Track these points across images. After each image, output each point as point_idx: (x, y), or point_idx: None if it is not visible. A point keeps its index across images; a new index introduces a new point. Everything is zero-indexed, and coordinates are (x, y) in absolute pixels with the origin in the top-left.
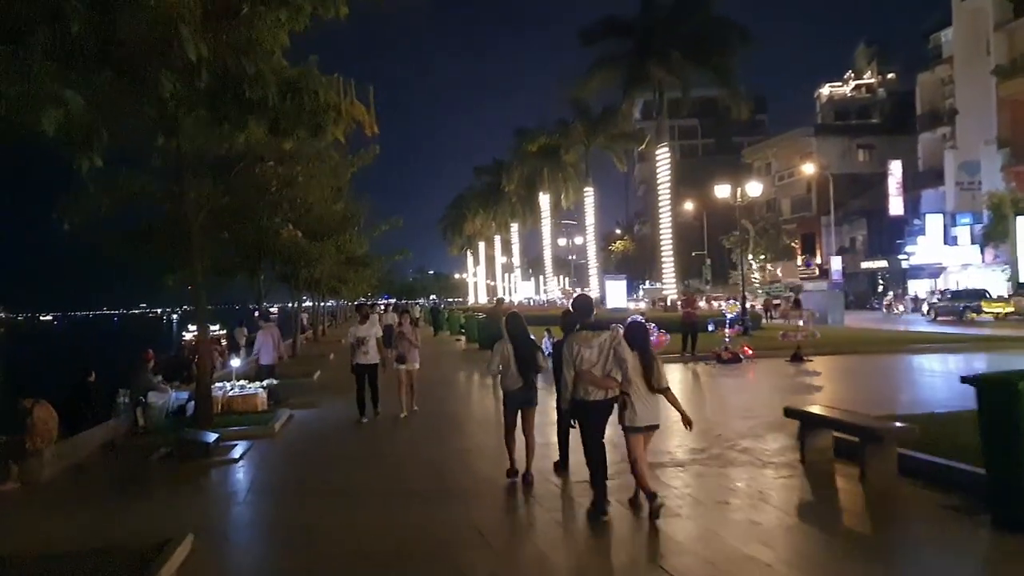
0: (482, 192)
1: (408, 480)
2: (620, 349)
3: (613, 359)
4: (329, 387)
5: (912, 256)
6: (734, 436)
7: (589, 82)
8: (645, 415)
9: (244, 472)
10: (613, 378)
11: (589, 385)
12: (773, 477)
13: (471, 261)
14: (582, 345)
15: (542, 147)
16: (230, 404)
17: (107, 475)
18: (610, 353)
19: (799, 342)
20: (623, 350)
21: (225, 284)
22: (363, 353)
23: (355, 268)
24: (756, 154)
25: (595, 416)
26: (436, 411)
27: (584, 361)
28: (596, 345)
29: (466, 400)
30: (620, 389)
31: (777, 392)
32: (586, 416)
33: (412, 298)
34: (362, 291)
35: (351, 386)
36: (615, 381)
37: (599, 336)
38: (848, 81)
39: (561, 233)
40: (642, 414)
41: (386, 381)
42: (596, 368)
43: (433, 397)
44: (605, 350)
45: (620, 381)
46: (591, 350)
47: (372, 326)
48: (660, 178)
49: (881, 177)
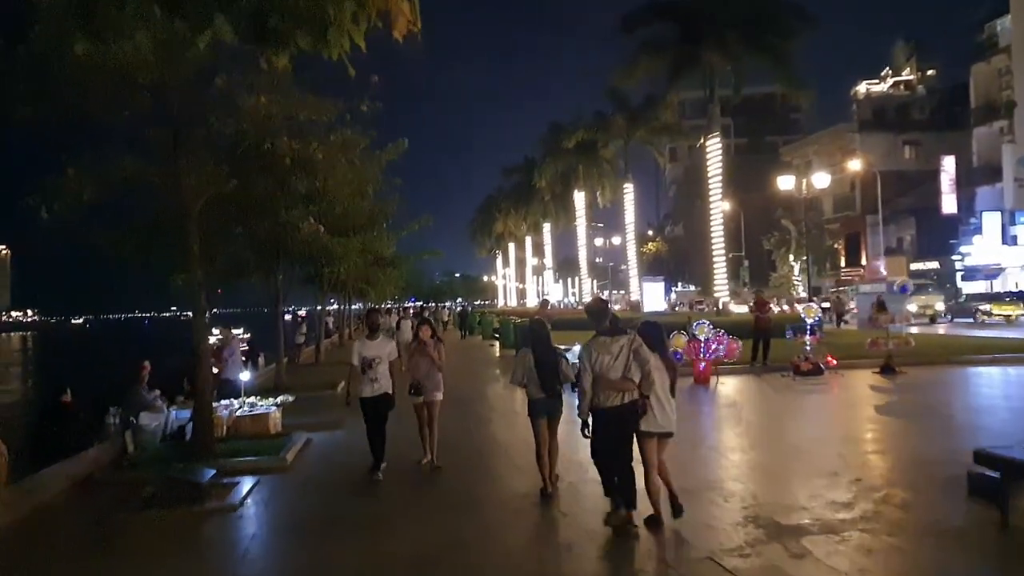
0: (513, 192)
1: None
2: (642, 351)
3: (634, 361)
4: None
5: (967, 257)
6: (878, 482)
7: (633, 70)
8: (660, 420)
9: (243, 524)
10: (630, 380)
11: (606, 390)
12: (980, 557)
13: (500, 263)
14: (600, 351)
15: (579, 142)
16: (237, 426)
17: (69, 526)
18: (629, 357)
19: (890, 351)
20: (644, 351)
21: (249, 286)
22: (371, 381)
23: (383, 269)
24: (795, 152)
25: (614, 422)
26: (472, 456)
27: (603, 367)
28: (615, 350)
29: (510, 427)
30: (640, 392)
31: (892, 414)
32: (604, 424)
33: (440, 301)
34: (390, 293)
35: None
36: (632, 383)
37: (617, 341)
38: (886, 78)
39: (596, 233)
40: (657, 419)
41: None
42: (615, 373)
43: (468, 429)
44: (624, 355)
45: (638, 383)
46: (609, 356)
47: (386, 342)
48: (711, 171)
49: (929, 174)
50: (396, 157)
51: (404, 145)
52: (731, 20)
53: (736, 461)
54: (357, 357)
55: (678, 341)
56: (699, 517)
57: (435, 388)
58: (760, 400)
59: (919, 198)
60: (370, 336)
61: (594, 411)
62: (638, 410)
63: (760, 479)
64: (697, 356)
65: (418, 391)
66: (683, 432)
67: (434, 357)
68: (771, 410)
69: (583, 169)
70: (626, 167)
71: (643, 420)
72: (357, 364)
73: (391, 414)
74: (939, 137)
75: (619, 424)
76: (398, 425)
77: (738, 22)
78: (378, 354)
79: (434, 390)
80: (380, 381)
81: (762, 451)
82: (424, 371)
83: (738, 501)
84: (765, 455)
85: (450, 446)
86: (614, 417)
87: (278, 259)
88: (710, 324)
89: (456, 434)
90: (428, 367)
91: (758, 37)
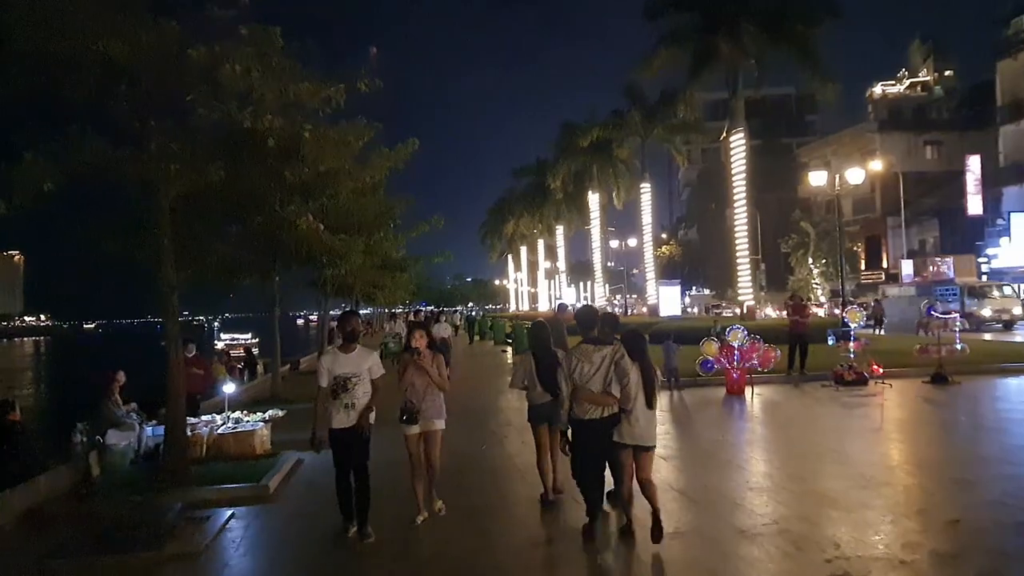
0: (525, 194)
1: None
2: (622, 363)
3: (614, 374)
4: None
5: (994, 259)
6: (983, 523)
7: (653, 61)
8: (636, 432)
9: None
10: (611, 394)
11: (585, 402)
12: None
13: (512, 266)
14: (581, 359)
15: (593, 141)
16: (219, 445)
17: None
18: (611, 368)
19: (941, 358)
20: (625, 364)
21: (263, 288)
22: (346, 408)
23: (391, 273)
24: (813, 152)
25: (591, 436)
26: (485, 487)
27: (582, 376)
28: (596, 360)
29: (528, 447)
30: (619, 406)
31: (959, 433)
32: (582, 436)
33: (451, 305)
34: (400, 298)
35: (386, 411)
36: (613, 397)
37: (600, 351)
38: (902, 80)
39: (610, 236)
40: (633, 430)
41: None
42: (595, 384)
43: (476, 451)
44: (606, 365)
45: (618, 397)
46: (590, 365)
47: (366, 355)
48: (734, 168)
49: (952, 175)
50: (407, 157)
51: (415, 144)
52: (754, 7)
53: (797, 493)
54: (326, 376)
55: (708, 348)
56: (773, 571)
57: (435, 414)
58: (805, 415)
59: (942, 199)
60: (344, 347)
61: (572, 422)
62: (617, 424)
63: (833, 518)
64: (730, 365)
65: (411, 418)
66: (727, 455)
67: (432, 373)
68: (821, 427)
69: (597, 169)
70: (643, 166)
71: (616, 431)
72: (327, 385)
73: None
74: (961, 137)
75: (596, 438)
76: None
77: (760, 9)
78: (355, 371)
79: (434, 416)
80: (357, 407)
81: (824, 480)
82: (420, 391)
83: (815, 549)
84: (830, 485)
85: (457, 471)
86: (591, 430)
87: (275, 259)
88: (744, 330)
89: (464, 456)
90: (425, 386)
91: (782, 25)
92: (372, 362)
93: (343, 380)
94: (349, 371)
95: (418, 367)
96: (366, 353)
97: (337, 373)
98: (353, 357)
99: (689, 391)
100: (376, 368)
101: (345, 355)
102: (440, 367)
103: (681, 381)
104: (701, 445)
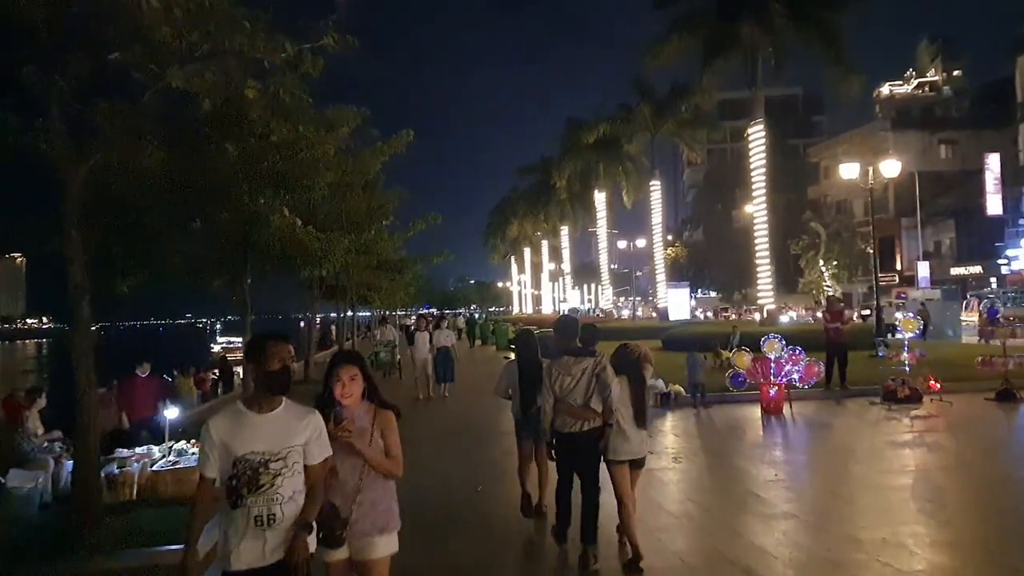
0: (528, 193)
1: None
2: (604, 376)
3: (595, 387)
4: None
5: (1014, 261)
6: None
7: (664, 48)
8: (629, 447)
9: None
10: (592, 409)
11: (563, 415)
12: None
13: (515, 268)
14: (562, 372)
15: (600, 137)
16: (155, 485)
17: None
18: (592, 382)
19: (1007, 371)
20: (607, 377)
21: (267, 287)
22: (254, 527)
23: (388, 274)
24: (823, 152)
25: (571, 450)
26: (464, 558)
27: (563, 389)
28: (577, 372)
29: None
30: (604, 420)
31: None
32: (561, 450)
33: (453, 308)
34: (400, 300)
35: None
36: (594, 412)
37: (581, 362)
38: (910, 80)
39: (617, 237)
40: (625, 445)
41: None
42: (576, 396)
43: (472, 494)
44: (587, 377)
45: (600, 412)
46: (571, 377)
47: (296, 424)
48: (754, 162)
49: (968, 175)
50: (401, 149)
51: (410, 135)
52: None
53: (911, 565)
54: (215, 463)
55: (740, 360)
56: None
57: (375, 526)
58: (867, 444)
59: (958, 199)
60: (258, 402)
61: (554, 435)
62: (598, 438)
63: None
64: (767, 379)
65: (331, 535)
66: (787, 503)
67: (368, 454)
68: (893, 462)
69: (604, 167)
70: (652, 162)
71: (609, 448)
72: (216, 476)
73: None
74: (977, 135)
75: (576, 452)
76: None
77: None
78: (275, 449)
79: (373, 531)
80: (283, 523)
81: (939, 551)
82: (349, 486)
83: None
84: (943, 548)
85: (446, 519)
86: (571, 444)
87: (246, 259)
88: (782, 339)
89: (455, 501)
90: (358, 475)
91: (804, 8)
92: (310, 432)
93: (252, 469)
94: (263, 449)
95: (343, 443)
96: (300, 415)
97: (240, 453)
98: (273, 423)
99: (717, 409)
100: (317, 446)
101: (258, 417)
102: (387, 434)
103: (708, 397)
104: (749, 486)
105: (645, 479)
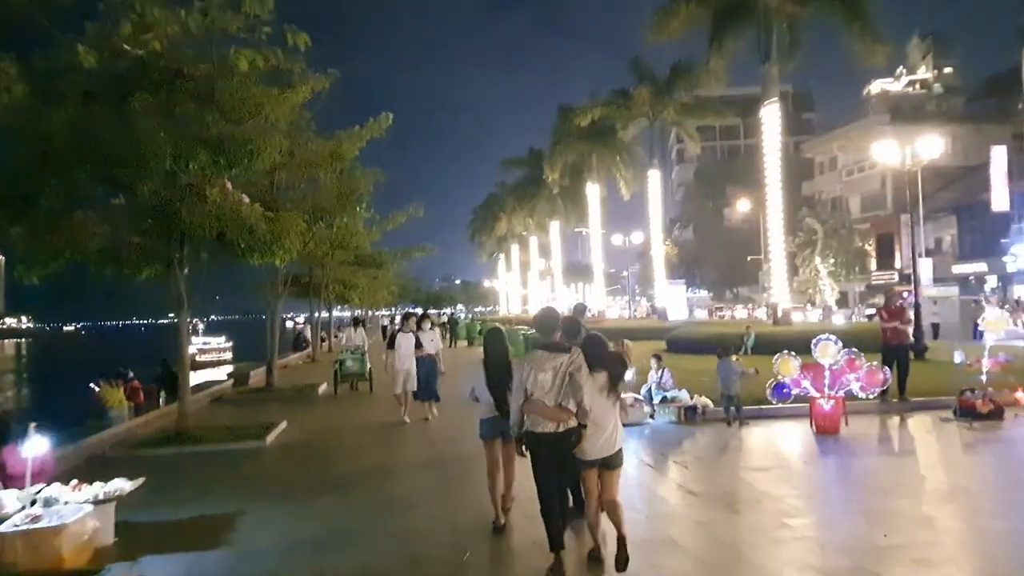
0: (517, 187)
1: None
2: (577, 376)
3: (568, 387)
4: (287, 463)
5: (1020, 258)
6: None
7: (669, 21)
8: (597, 446)
9: None
10: (566, 409)
11: (534, 414)
12: None
13: (503, 267)
14: (535, 368)
15: (594, 123)
16: (12, 551)
17: None
18: (564, 380)
19: None
20: (580, 377)
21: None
22: None
23: (367, 270)
24: (819, 148)
25: (544, 450)
26: None
27: (535, 386)
28: (551, 369)
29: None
30: (579, 421)
31: None
32: (535, 450)
33: (438, 307)
34: (383, 299)
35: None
36: (568, 412)
37: (555, 358)
38: (900, 77)
39: (610, 231)
40: (594, 445)
41: None
42: (550, 395)
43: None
44: (560, 375)
45: (574, 412)
46: (544, 374)
47: None
48: (768, 146)
49: (969, 170)
50: (381, 133)
51: (389, 119)
52: None
53: None
54: None
55: (785, 367)
56: None
57: None
58: (973, 475)
59: (960, 194)
60: None
61: (526, 435)
62: (572, 438)
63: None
64: (821, 391)
65: None
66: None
67: None
68: (1005, 499)
69: (597, 158)
70: (651, 151)
71: (579, 448)
72: None
73: None
74: (978, 130)
75: (550, 453)
76: None
77: None
78: None
79: None
80: None
81: None
82: None
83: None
84: None
85: None
86: (544, 444)
87: (182, 243)
88: (837, 340)
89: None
90: None
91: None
92: None
93: None
94: None
95: None
96: None
97: None
98: None
99: (757, 426)
100: None
101: None
102: None
103: (744, 411)
104: (857, 559)
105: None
